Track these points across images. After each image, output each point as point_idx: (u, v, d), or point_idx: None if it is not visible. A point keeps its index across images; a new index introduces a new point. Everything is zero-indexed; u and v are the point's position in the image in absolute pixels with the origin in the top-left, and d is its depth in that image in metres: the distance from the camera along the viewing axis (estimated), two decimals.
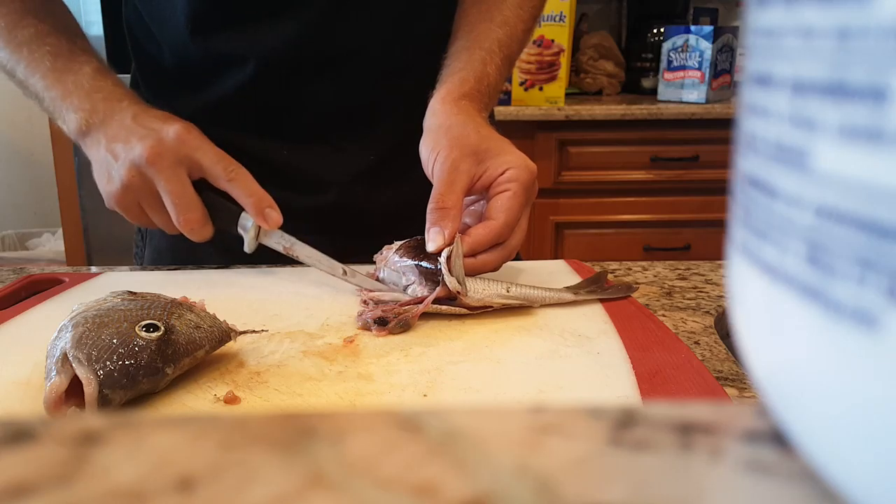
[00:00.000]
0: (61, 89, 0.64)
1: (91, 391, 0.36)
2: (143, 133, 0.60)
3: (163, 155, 0.58)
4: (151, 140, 0.59)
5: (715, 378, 0.42)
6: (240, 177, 0.60)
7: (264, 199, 0.59)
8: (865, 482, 0.11)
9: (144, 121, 0.61)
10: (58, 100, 0.64)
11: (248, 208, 0.59)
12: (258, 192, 0.60)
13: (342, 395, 0.41)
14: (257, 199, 0.59)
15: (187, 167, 0.59)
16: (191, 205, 0.59)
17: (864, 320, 0.10)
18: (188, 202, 0.59)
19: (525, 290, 0.53)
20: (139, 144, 0.58)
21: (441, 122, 0.61)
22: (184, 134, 0.59)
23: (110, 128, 0.62)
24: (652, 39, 2.09)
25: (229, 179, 0.59)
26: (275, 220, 0.59)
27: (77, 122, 0.63)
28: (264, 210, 0.59)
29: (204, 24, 0.68)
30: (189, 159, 0.59)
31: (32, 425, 0.14)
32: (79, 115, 0.63)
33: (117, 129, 0.61)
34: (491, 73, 0.66)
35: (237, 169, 0.60)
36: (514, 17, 0.70)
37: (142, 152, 0.58)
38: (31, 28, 0.66)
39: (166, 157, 0.58)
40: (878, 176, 0.10)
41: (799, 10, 0.11)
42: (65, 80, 0.64)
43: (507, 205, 0.56)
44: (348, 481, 0.12)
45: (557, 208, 1.84)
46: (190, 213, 0.60)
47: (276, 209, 0.60)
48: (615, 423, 0.14)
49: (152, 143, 0.58)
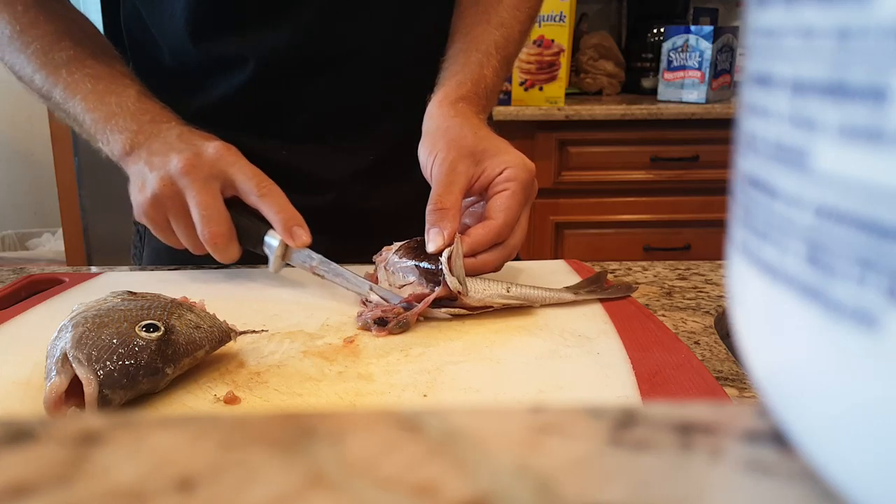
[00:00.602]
0: (104, 111, 0.64)
1: (91, 391, 0.36)
2: (183, 147, 0.60)
3: (198, 167, 0.58)
4: (189, 153, 0.59)
5: (715, 378, 0.42)
6: (271, 193, 0.59)
7: (294, 218, 0.59)
8: (865, 482, 0.11)
9: (189, 137, 0.61)
10: (100, 122, 0.64)
11: (277, 225, 0.58)
12: (288, 209, 0.59)
13: (342, 395, 0.41)
14: (286, 217, 0.58)
15: (220, 182, 0.59)
16: (219, 218, 0.58)
17: (864, 320, 0.10)
18: (216, 215, 0.58)
19: (525, 290, 0.53)
20: (177, 157, 0.59)
21: (438, 124, 0.61)
22: (223, 150, 0.59)
23: (154, 144, 0.62)
24: (652, 39, 2.09)
25: (261, 195, 0.59)
26: (302, 240, 0.58)
27: (122, 142, 0.63)
28: (292, 228, 0.58)
29: (203, 28, 0.68)
30: (223, 174, 0.59)
31: (32, 425, 0.14)
32: (124, 136, 0.63)
33: (160, 146, 0.61)
34: (488, 76, 0.66)
35: (269, 185, 0.59)
36: (510, 18, 0.70)
37: (178, 163, 0.58)
38: (70, 51, 0.66)
39: (201, 169, 0.58)
40: (878, 176, 0.10)
41: (799, 10, 0.11)
42: (108, 101, 0.64)
43: (507, 204, 0.56)
44: (348, 481, 0.12)
45: (557, 208, 1.84)
46: (217, 227, 0.58)
47: (305, 228, 0.58)
48: (615, 423, 0.14)
49: (189, 155, 0.58)
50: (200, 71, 0.71)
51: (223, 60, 0.70)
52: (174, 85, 0.73)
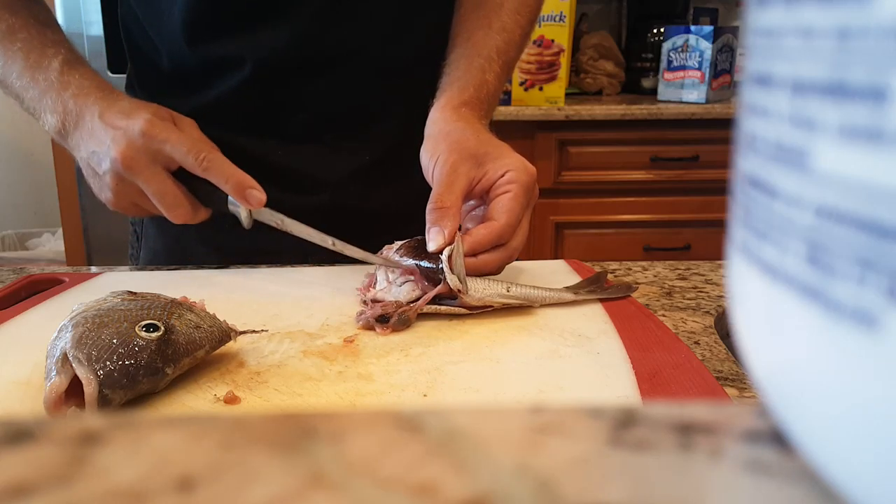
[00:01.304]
0: (37, 89, 0.64)
1: (91, 391, 0.36)
2: (112, 135, 0.59)
3: (135, 157, 0.58)
4: (121, 144, 0.58)
5: (715, 378, 0.42)
6: (213, 164, 0.59)
7: (244, 181, 0.58)
8: (865, 482, 0.11)
9: (111, 118, 0.60)
10: (35, 100, 0.64)
11: (230, 193, 0.59)
12: (235, 174, 0.59)
13: (342, 395, 0.41)
14: (236, 183, 0.58)
15: (162, 162, 0.59)
16: (175, 201, 0.59)
17: (864, 320, 0.10)
18: (172, 199, 0.59)
19: (525, 289, 0.53)
20: (112, 150, 0.58)
21: (441, 129, 0.62)
22: (148, 129, 0.58)
23: (83, 130, 0.61)
24: (652, 39, 2.09)
25: (204, 169, 0.58)
26: (258, 199, 0.58)
27: (55, 124, 0.63)
28: (245, 192, 0.58)
29: (200, 29, 0.68)
30: (160, 154, 0.58)
31: (32, 425, 0.14)
32: (54, 118, 0.63)
33: (90, 132, 0.61)
34: (490, 81, 0.66)
35: (208, 155, 0.59)
36: (512, 22, 0.70)
37: (116, 158, 0.58)
38: (3, 23, 0.65)
39: (139, 158, 0.58)
40: (878, 176, 0.10)
41: (799, 10, 0.11)
42: (37, 78, 0.64)
43: (508, 206, 0.56)
44: (348, 481, 0.12)
45: (557, 208, 1.84)
46: (177, 209, 0.60)
47: (257, 188, 0.58)
48: (615, 423, 0.14)
49: (122, 147, 0.58)
50: (198, 72, 0.71)
51: (221, 61, 0.70)
52: (172, 86, 0.73)
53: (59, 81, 0.63)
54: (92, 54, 2.03)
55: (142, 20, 0.72)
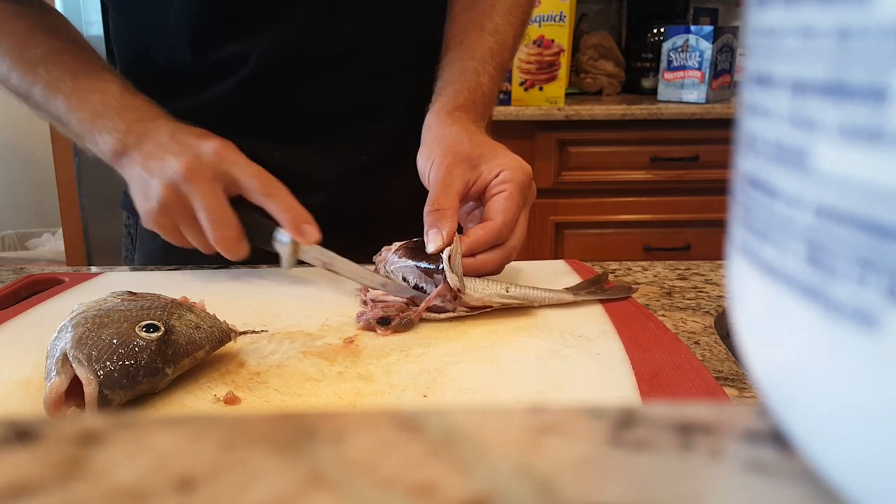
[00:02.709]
0: (89, 110, 0.62)
1: (91, 391, 0.36)
2: (179, 149, 0.58)
3: (199, 171, 0.57)
4: (188, 156, 0.57)
5: (715, 378, 0.42)
6: (277, 192, 0.58)
7: (301, 215, 0.58)
8: (865, 482, 0.11)
9: (181, 137, 0.60)
10: (86, 122, 0.62)
11: (285, 224, 0.58)
12: (295, 207, 0.58)
13: (342, 396, 0.41)
14: (294, 215, 0.58)
15: (224, 183, 0.58)
16: (226, 221, 0.58)
17: (864, 320, 0.10)
18: (224, 219, 0.58)
19: (524, 290, 0.53)
20: (175, 161, 0.57)
21: (436, 133, 0.62)
22: (221, 150, 0.58)
23: (147, 146, 0.60)
24: (652, 39, 2.08)
25: (266, 194, 0.58)
26: (312, 236, 0.58)
27: (112, 143, 0.61)
28: (301, 226, 0.58)
29: (202, 34, 0.68)
30: (226, 175, 0.58)
31: (32, 425, 0.14)
32: (113, 137, 0.61)
33: (154, 147, 0.60)
34: (484, 83, 0.67)
35: (274, 184, 0.59)
36: (504, 24, 0.71)
37: (178, 168, 0.57)
38: (45, 46, 0.64)
39: (203, 172, 0.57)
40: (878, 176, 0.10)
41: (799, 10, 0.11)
42: (91, 99, 0.62)
43: (505, 205, 0.56)
44: (348, 481, 0.12)
45: (557, 208, 1.84)
46: (226, 230, 0.58)
47: (313, 224, 0.58)
48: (615, 423, 0.14)
49: (189, 158, 0.57)
50: (195, 74, 0.71)
51: (219, 64, 0.70)
52: (166, 87, 0.73)
53: (119, 104, 0.62)
54: None
55: (125, 27, 0.72)
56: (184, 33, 0.68)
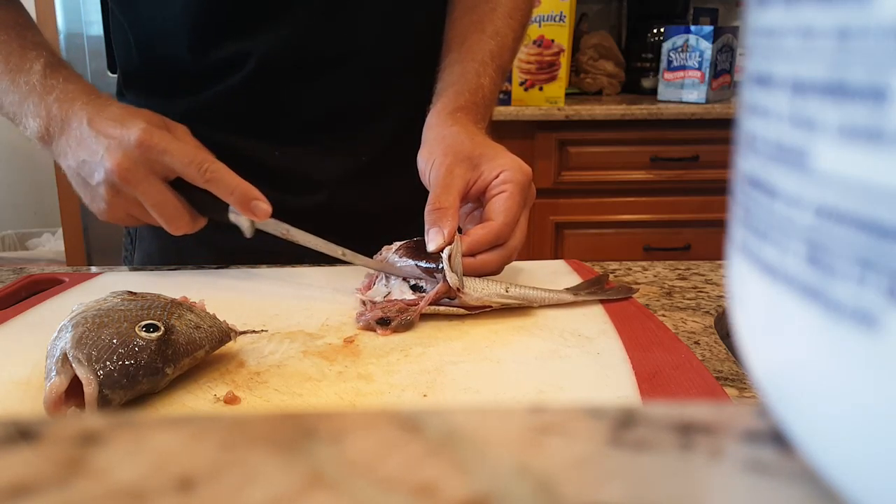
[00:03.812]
0: (17, 93, 0.62)
1: (91, 391, 0.36)
2: (106, 144, 0.56)
3: (132, 169, 0.55)
4: (117, 154, 0.55)
5: (715, 378, 0.42)
6: (217, 175, 0.56)
7: (248, 193, 0.57)
8: (865, 482, 0.11)
9: (102, 126, 0.58)
10: (15, 104, 0.62)
11: (234, 205, 0.57)
12: (240, 186, 0.57)
13: (342, 395, 0.41)
14: (240, 195, 0.57)
15: (160, 173, 0.57)
16: (174, 212, 0.57)
17: (864, 320, 0.10)
18: (171, 211, 0.57)
19: (524, 290, 0.53)
20: (107, 161, 0.56)
21: (437, 133, 0.62)
22: (146, 139, 0.56)
23: (71, 137, 0.59)
24: (652, 39, 2.08)
25: (206, 180, 0.56)
26: (263, 211, 0.57)
27: (38, 129, 0.60)
28: (250, 204, 0.57)
29: (203, 35, 0.68)
30: (159, 164, 0.56)
31: (32, 425, 0.14)
32: (37, 122, 0.60)
33: (79, 140, 0.58)
34: (485, 85, 0.67)
35: (211, 166, 0.56)
36: (504, 26, 0.71)
37: (112, 169, 0.55)
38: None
39: (136, 170, 0.55)
40: (878, 176, 0.10)
41: (799, 10, 0.11)
42: (18, 81, 0.61)
43: (505, 205, 0.56)
44: (348, 481, 0.12)
45: (557, 208, 1.84)
46: (176, 221, 0.58)
47: (262, 199, 0.57)
48: (615, 423, 0.14)
49: (119, 157, 0.55)
50: (194, 74, 0.71)
51: (219, 64, 0.69)
52: (164, 87, 0.73)
53: (41, 85, 0.61)
54: (92, 54, 2.03)
55: (127, 25, 0.72)
56: (185, 33, 0.68)
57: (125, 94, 0.76)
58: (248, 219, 0.58)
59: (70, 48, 2.01)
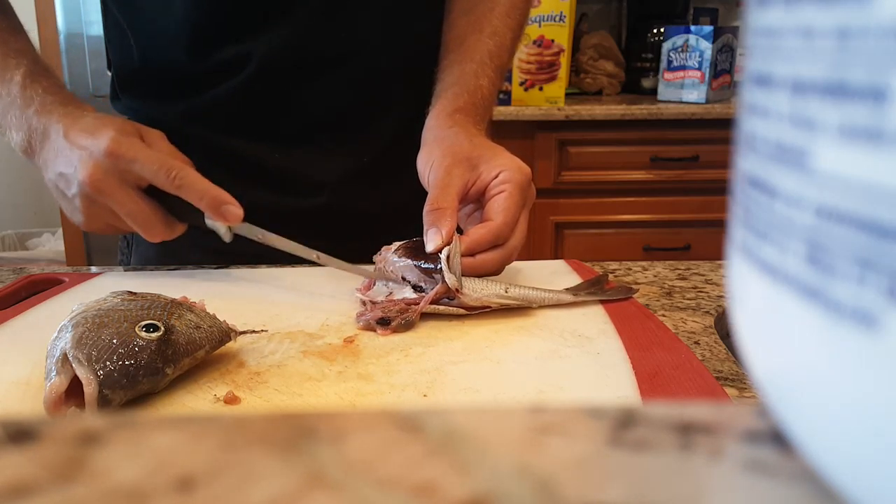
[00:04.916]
0: (0, 104, 0.62)
1: (91, 391, 0.36)
2: (77, 156, 0.57)
3: (104, 179, 0.55)
4: (89, 165, 0.56)
5: (715, 378, 0.42)
6: (186, 182, 0.56)
7: (218, 198, 0.56)
8: (865, 482, 0.11)
9: (75, 138, 0.58)
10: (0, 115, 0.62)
11: (205, 210, 0.57)
12: (209, 191, 0.56)
13: (342, 395, 0.41)
14: (210, 199, 0.56)
15: (132, 181, 0.56)
16: (148, 220, 0.57)
17: (864, 320, 0.10)
18: (145, 219, 0.57)
19: (524, 290, 0.53)
20: (80, 172, 0.56)
21: (436, 135, 0.62)
22: (114, 149, 0.55)
23: (49, 150, 0.59)
24: (652, 39, 2.08)
25: (177, 187, 0.56)
26: (235, 215, 0.57)
27: (21, 142, 0.61)
28: (221, 208, 0.56)
29: (203, 37, 0.68)
30: (130, 173, 0.56)
31: (32, 425, 0.14)
32: (21, 135, 0.61)
33: (56, 153, 0.59)
34: (484, 86, 0.67)
35: (180, 172, 0.56)
36: (502, 26, 0.71)
37: (84, 181, 0.55)
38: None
39: (107, 180, 0.55)
40: (878, 176, 0.10)
41: (799, 10, 0.11)
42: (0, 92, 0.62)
43: (505, 205, 0.56)
44: (348, 481, 0.12)
45: (557, 208, 1.84)
46: (152, 229, 0.58)
47: (233, 203, 0.57)
48: (615, 423, 0.14)
49: (90, 169, 0.55)
50: (193, 76, 0.70)
51: (219, 66, 0.69)
52: (162, 89, 0.73)
53: (21, 97, 0.61)
54: (92, 54, 2.03)
55: (125, 27, 0.71)
56: (186, 36, 0.68)
57: (120, 97, 0.76)
58: (224, 226, 0.57)
59: (70, 48, 2.01)
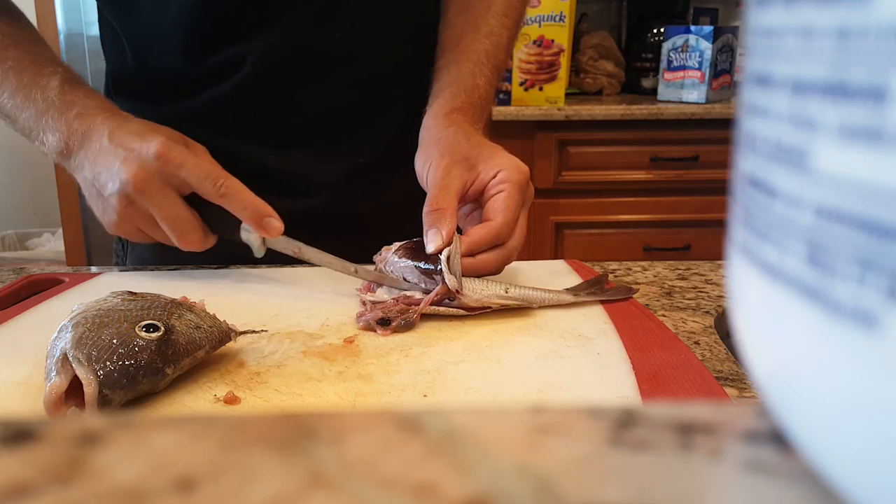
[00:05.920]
0: (34, 109, 0.61)
1: (91, 391, 0.36)
2: (123, 156, 0.57)
3: (148, 180, 0.56)
4: (134, 165, 0.56)
5: (715, 378, 0.42)
6: (231, 191, 0.57)
7: (261, 210, 0.57)
8: (865, 482, 0.11)
9: (122, 139, 0.58)
10: (31, 120, 0.62)
11: (247, 221, 0.57)
12: (253, 202, 0.57)
13: (342, 395, 0.41)
14: (253, 211, 0.57)
15: (176, 187, 0.57)
16: (187, 226, 0.57)
17: (864, 320, 0.10)
18: (184, 225, 0.57)
19: (524, 290, 0.53)
20: (123, 172, 0.56)
21: (433, 135, 0.62)
22: (164, 152, 0.56)
23: (90, 150, 0.59)
24: (652, 39, 2.08)
25: (221, 195, 0.56)
26: (276, 229, 0.57)
27: (57, 144, 0.60)
28: (263, 221, 0.57)
29: (199, 41, 0.68)
30: (175, 178, 0.56)
31: (32, 425, 0.14)
32: (57, 137, 0.60)
33: (97, 153, 0.58)
34: (481, 85, 0.67)
35: (226, 182, 0.57)
36: (499, 26, 0.71)
37: (127, 180, 0.55)
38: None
39: (152, 182, 0.56)
40: (878, 176, 0.10)
41: (799, 10, 0.11)
42: (34, 97, 0.61)
43: (504, 205, 0.56)
44: (348, 481, 0.12)
45: (557, 208, 1.84)
46: (189, 235, 0.58)
47: (275, 217, 0.57)
48: (615, 423, 0.14)
49: (136, 169, 0.55)
50: (189, 78, 0.70)
51: (216, 67, 0.69)
52: (159, 91, 0.73)
53: (61, 101, 0.61)
54: (92, 54, 2.03)
55: (119, 30, 0.71)
56: (181, 38, 0.68)
57: (115, 100, 0.76)
58: (260, 237, 0.58)
59: (70, 48, 2.01)
